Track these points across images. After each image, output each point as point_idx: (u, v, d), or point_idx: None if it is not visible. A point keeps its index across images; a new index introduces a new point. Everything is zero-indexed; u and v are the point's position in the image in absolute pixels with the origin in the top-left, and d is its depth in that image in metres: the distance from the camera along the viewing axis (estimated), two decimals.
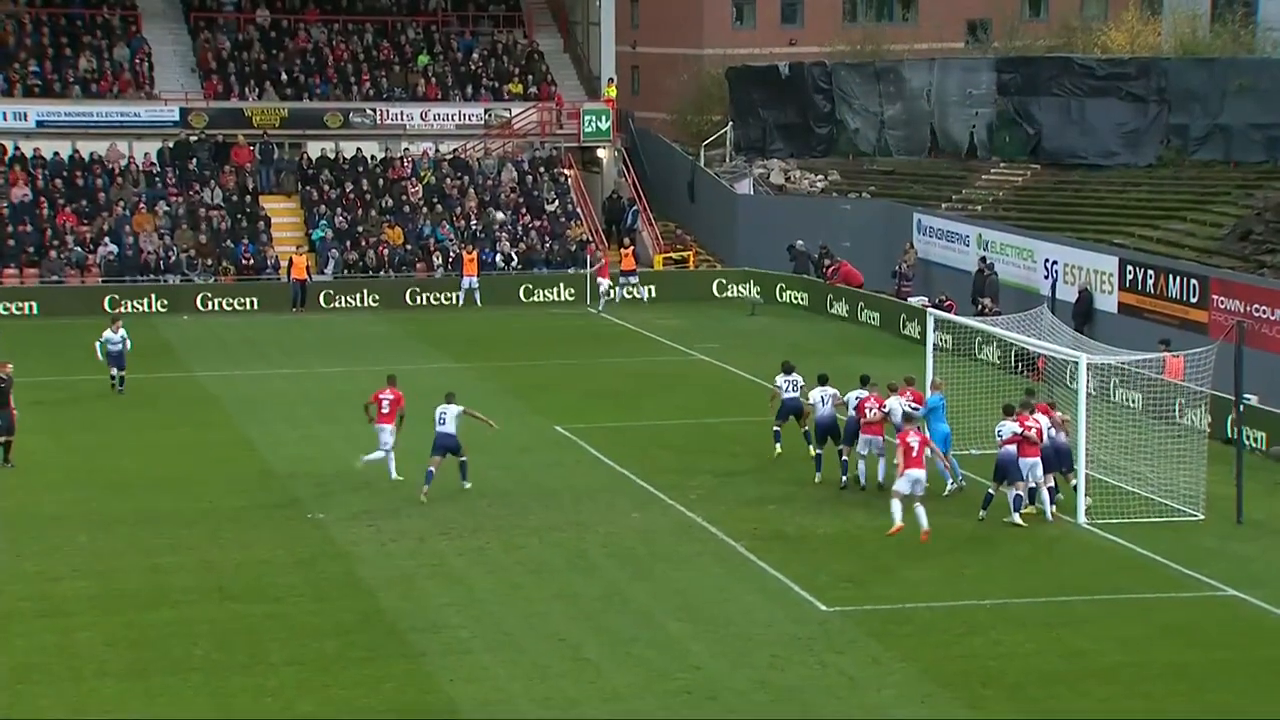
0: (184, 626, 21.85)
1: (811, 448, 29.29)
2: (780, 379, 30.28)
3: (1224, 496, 27.49)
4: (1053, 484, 27.27)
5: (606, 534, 26.24)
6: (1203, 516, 27.29)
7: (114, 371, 37.31)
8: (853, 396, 28.74)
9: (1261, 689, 20.07)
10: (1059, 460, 27.26)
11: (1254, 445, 30.98)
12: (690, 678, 20.16)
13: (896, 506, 25.22)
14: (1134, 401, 34.00)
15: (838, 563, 24.88)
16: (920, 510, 25.24)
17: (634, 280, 51.34)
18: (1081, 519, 26.97)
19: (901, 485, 25.26)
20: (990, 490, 27.01)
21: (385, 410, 28.71)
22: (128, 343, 37.33)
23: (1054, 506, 27.01)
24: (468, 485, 28.32)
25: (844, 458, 28.71)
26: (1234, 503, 27.28)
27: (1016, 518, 26.67)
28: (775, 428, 30.27)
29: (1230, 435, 29.69)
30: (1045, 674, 20.40)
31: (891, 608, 22.79)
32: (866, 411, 28.25)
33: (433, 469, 27.95)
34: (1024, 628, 22.02)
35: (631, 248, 52.95)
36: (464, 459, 28.37)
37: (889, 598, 23.24)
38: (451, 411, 28.23)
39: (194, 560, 24.81)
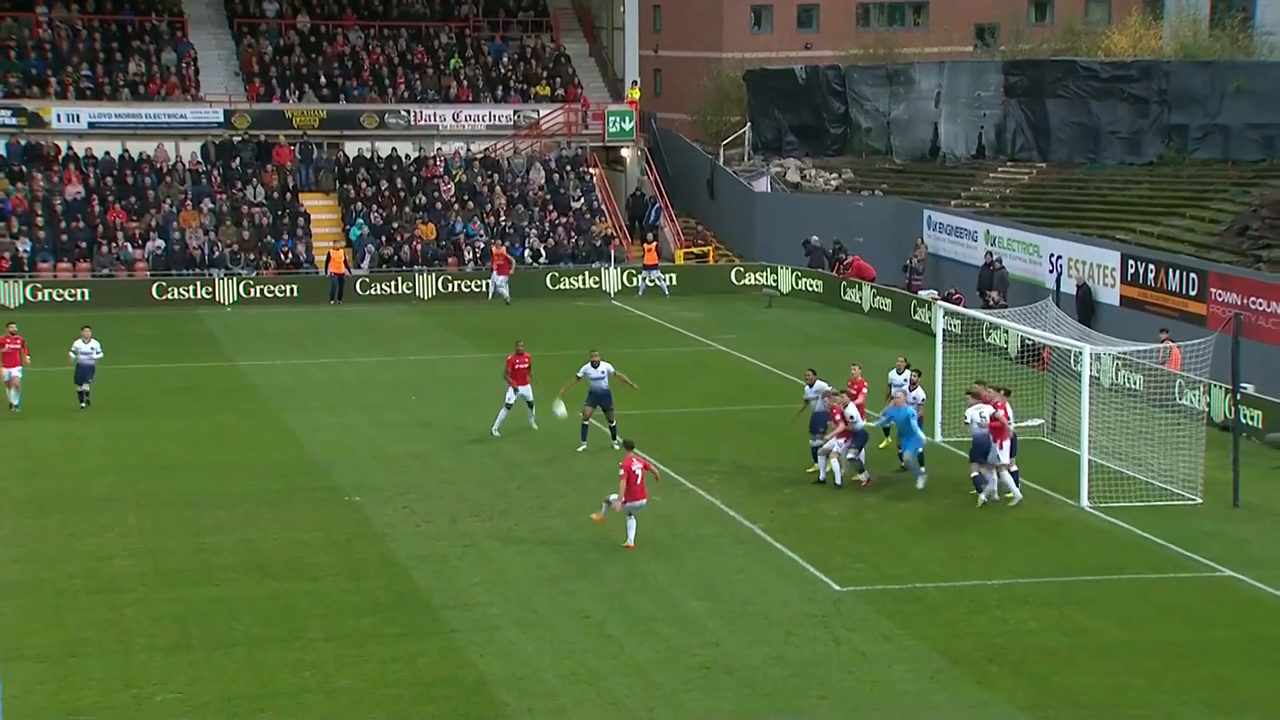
0: (227, 603, 21.91)
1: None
2: (809, 390, 28.97)
3: (1221, 481, 27.39)
4: (1015, 467, 27.21)
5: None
6: (1201, 500, 27.19)
7: (81, 387, 33.34)
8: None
9: (1256, 665, 20.01)
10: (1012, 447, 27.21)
11: (1248, 425, 30.82)
12: (709, 653, 20.16)
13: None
14: (1136, 387, 33.87)
15: (851, 544, 24.84)
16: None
17: (656, 274, 51.31)
18: (1084, 502, 26.89)
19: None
20: (975, 474, 26.90)
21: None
22: (98, 353, 33.55)
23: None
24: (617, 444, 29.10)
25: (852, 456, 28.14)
26: (1231, 487, 27.17)
27: (983, 497, 26.66)
28: (813, 444, 28.44)
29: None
30: (1048, 650, 20.36)
31: (902, 587, 22.76)
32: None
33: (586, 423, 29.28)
34: (1028, 606, 21.97)
35: (654, 243, 52.91)
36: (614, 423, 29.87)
37: (900, 578, 23.20)
38: (604, 368, 29.48)
39: (236, 540, 24.87)
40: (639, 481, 24.14)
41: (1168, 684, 19.37)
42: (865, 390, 29.10)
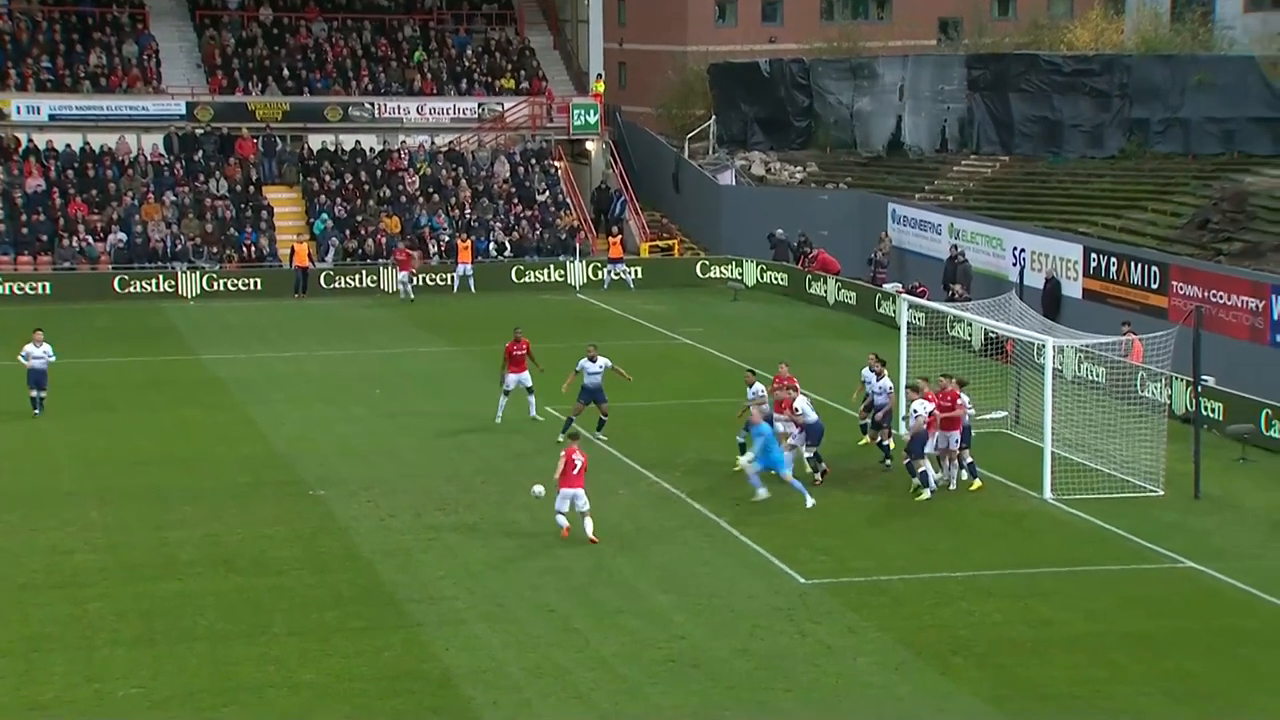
0: (191, 598, 21.79)
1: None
2: (750, 392, 28.42)
3: (1182, 473, 27.51)
4: (970, 458, 27.35)
5: (595, 509, 26.13)
6: (1163, 492, 27.32)
7: (34, 393, 32.19)
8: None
9: (1218, 656, 20.10)
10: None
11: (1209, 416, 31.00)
12: (674, 646, 20.14)
13: None
14: (1099, 379, 34.03)
15: (816, 537, 24.86)
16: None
17: (621, 267, 51.28)
18: (1048, 494, 26.99)
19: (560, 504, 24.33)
20: (908, 463, 26.96)
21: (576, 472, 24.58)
22: (50, 357, 32.35)
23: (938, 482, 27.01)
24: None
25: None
26: (1192, 479, 27.31)
27: (927, 492, 26.76)
28: (741, 440, 28.32)
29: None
30: (1013, 642, 20.41)
31: (867, 580, 22.79)
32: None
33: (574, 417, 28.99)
34: (993, 598, 22.03)
35: (619, 236, 52.88)
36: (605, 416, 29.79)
37: (865, 570, 23.23)
38: (601, 363, 29.29)
39: (200, 535, 24.73)
40: (575, 471, 24.21)
41: (1131, 675, 19.45)
42: (796, 385, 29.00)
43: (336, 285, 49.83)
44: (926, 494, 26.88)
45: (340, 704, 18.43)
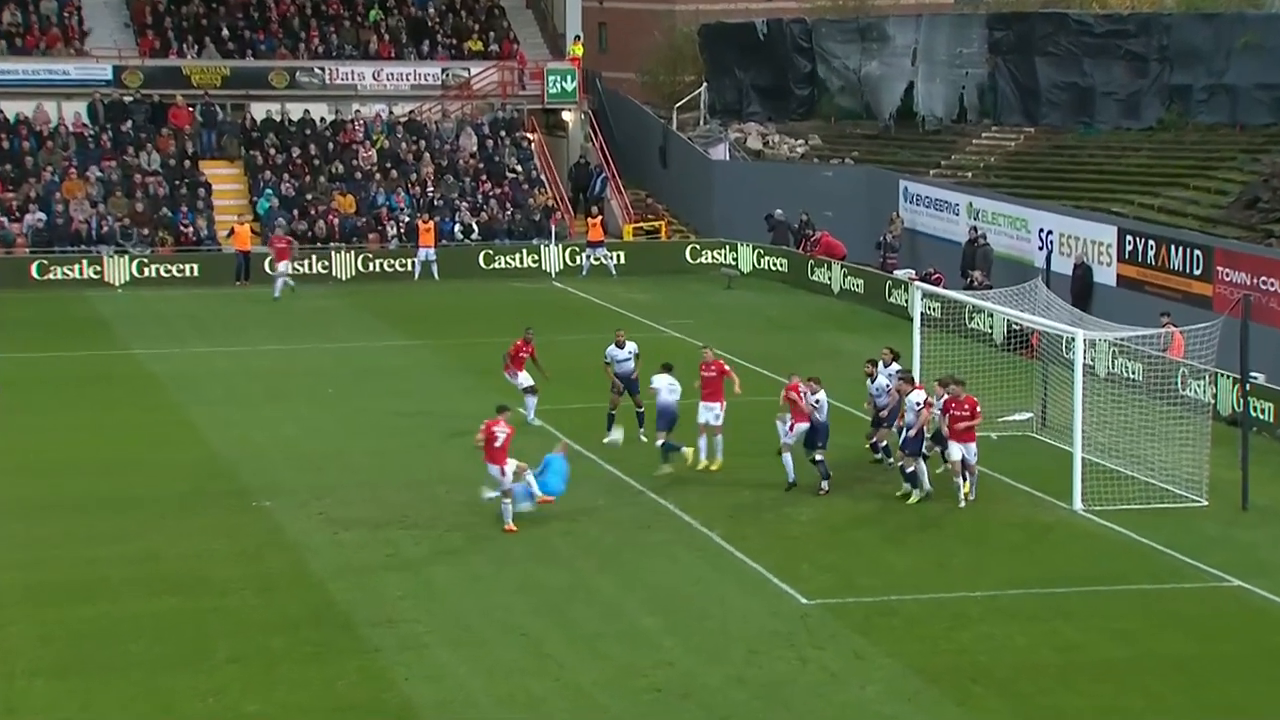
0: (122, 622, 21.82)
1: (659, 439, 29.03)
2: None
3: (1228, 481, 27.69)
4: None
5: (572, 521, 26.31)
6: (1206, 502, 27.49)
7: None
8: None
9: (1267, 683, 20.26)
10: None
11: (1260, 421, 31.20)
12: (662, 674, 20.24)
13: None
14: (1135, 376, 34.22)
15: (819, 552, 25.00)
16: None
17: (602, 251, 51.40)
18: (1078, 505, 27.16)
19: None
20: (909, 470, 27.26)
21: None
22: None
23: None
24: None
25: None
26: (1239, 487, 27.48)
27: (917, 495, 27.13)
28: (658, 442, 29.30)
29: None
30: (1038, 668, 20.56)
31: (876, 600, 22.92)
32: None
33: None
34: (1015, 620, 22.18)
35: (599, 217, 52.98)
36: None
37: (873, 589, 23.37)
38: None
39: (133, 551, 24.77)
40: (498, 445, 24.68)
41: (1169, 705, 19.60)
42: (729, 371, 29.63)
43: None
44: (917, 497, 27.07)
45: None
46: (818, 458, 27.87)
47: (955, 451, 27.18)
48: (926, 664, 20.58)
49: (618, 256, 51.87)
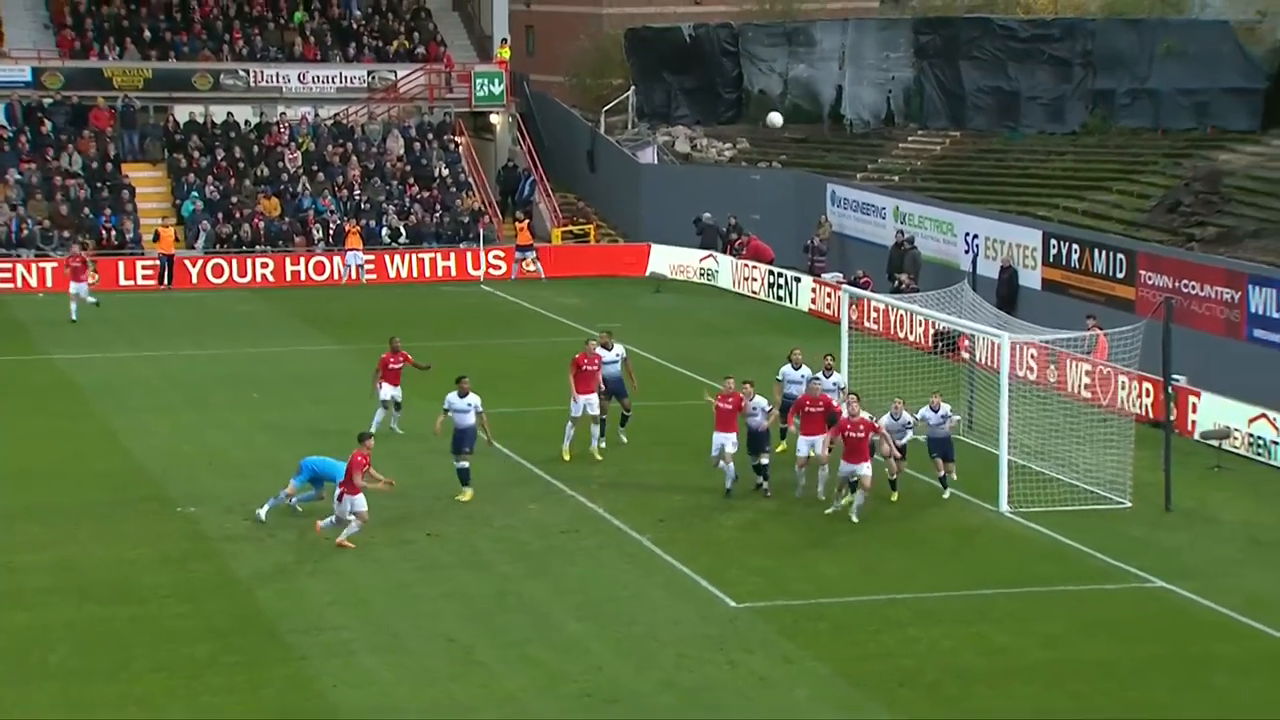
0: (40, 631, 21.57)
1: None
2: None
3: (1152, 483, 27.92)
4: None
5: (501, 527, 26.22)
6: (1130, 504, 27.72)
7: None
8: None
9: (1191, 686, 20.43)
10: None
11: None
12: (590, 680, 20.21)
13: None
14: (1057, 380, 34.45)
15: (748, 557, 25.02)
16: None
17: (531, 255, 51.27)
18: (1004, 507, 27.31)
19: None
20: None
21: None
22: None
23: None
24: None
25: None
26: (1162, 489, 27.72)
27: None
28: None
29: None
30: (965, 672, 20.65)
31: (805, 604, 22.97)
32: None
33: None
34: (942, 623, 22.27)
35: (527, 221, 52.86)
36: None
37: (802, 593, 23.42)
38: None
39: (51, 559, 24.50)
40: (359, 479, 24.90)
41: (1095, 707, 19.72)
42: (600, 363, 29.84)
43: (208, 275, 49.47)
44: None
45: None
46: (763, 461, 27.88)
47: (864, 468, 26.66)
48: (854, 668, 20.63)
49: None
